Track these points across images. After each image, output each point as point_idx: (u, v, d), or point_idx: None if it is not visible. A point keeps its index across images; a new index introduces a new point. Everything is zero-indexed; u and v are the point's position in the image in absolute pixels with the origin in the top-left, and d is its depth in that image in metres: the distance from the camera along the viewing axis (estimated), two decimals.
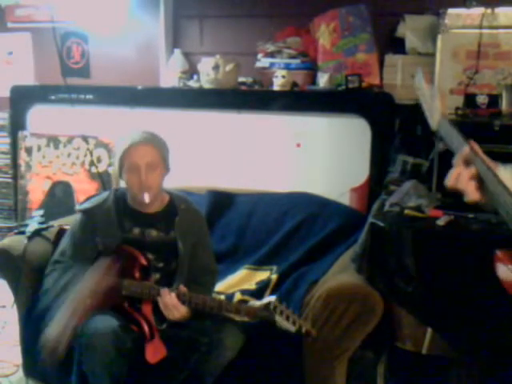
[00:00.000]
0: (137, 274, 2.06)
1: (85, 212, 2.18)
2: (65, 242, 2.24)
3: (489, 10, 2.51)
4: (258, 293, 2.41)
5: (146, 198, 2.06)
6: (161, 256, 2.13)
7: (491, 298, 1.86)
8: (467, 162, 1.24)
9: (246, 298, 2.40)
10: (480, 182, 1.21)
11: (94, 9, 3.42)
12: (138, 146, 2.05)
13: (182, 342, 2.01)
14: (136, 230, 2.12)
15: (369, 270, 2.06)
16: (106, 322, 1.93)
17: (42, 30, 3.58)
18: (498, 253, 1.31)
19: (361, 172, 2.78)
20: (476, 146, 1.26)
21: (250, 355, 2.07)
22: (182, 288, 1.99)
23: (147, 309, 2.05)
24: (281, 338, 2.08)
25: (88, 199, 2.32)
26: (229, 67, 2.96)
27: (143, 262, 2.07)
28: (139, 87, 3.21)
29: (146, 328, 2.00)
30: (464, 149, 1.25)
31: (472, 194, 1.22)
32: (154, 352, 1.97)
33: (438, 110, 1.41)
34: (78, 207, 2.31)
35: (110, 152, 3.27)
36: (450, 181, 1.25)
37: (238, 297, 2.42)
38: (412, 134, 2.59)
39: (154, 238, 2.13)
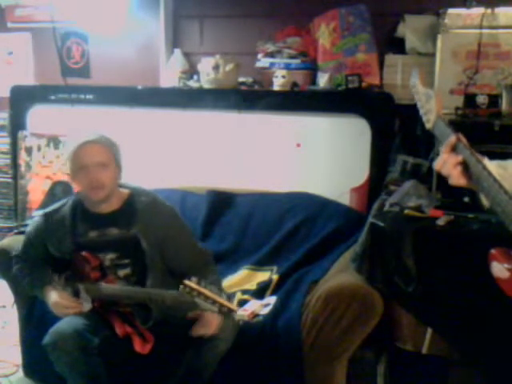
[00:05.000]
0: (93, 275, 2.06)
1: (42, 216, 2.18)
2: (23, 239, 2.26)
3: (489, 10, 2.51)
4: (259, 293, 2.41)
5: (98, 195, 2.05)
6: (124, 253, 2.10)
7: (491, 298, 1.87)
8: (453, 150, 1.33)
9: (247, 297, 2.40)
10: (465, 168, 1.30)
11: (94, 9, 3.42)
12: (86, 146, 2.06)
13: (174, 338, 2.01)
14: (93, 233, 2.10)
15: (369, 270, 2.06)
16: (72, 323, 1.96)
17: (42, 29, 3.58)
18: (493, 251, 1.33)
19: (361, 172, 2.78)
20: (462, 136, 1.34)
21: (250, 355, 2.07)
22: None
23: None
24: (281, 337, 2.09)
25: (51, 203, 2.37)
26: (229, 67, 2.96)
27: (94, 262, 2.06)
28: (139, 87, 3.21)
29: (117, 326, 2.00)
30: (451, 138, 1.33)
31: (456, 178, 1.31)
32: (142, 342, 1.98)
33: (433, 110, 1.42)
34: (35, 212, 2.33)
35: None
36: (436, 165, 1.36)
37: (238, 296, 2.42)
38: (412, 134, 2.59)
39: (115, 236, 2.10)
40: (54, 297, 2.06)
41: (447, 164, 1.32)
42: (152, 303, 1.97)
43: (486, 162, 1.31)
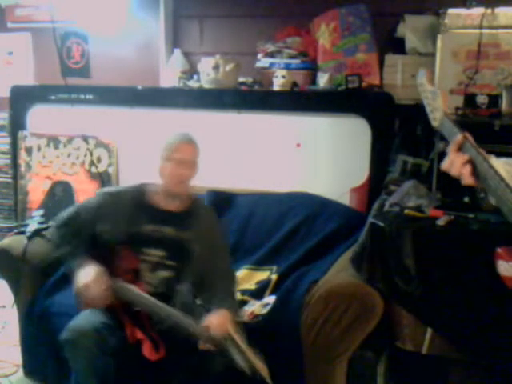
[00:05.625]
0: (125, 276, 2.06)
1: (105, 194, 2.20)
2: (72, 208, 2.22)
3: (489, 10, 2.51)
4: (258, 293, 2.41)
5: (181, 188, 2.14)
6: (173, 254, 2.12)
7: (491, 298, 1.87)
8: (460, 149, 1.32)
9: (246, 298, 2.40)
10: (473, 167, 1.29)
11: (94, 9, 3.42)
12: (190, 144, 2.17)
13: (183, 342, 2.00)
14: (150, 227, 2.12)
15: (369, 270, 2.06)
16: (90, 320, 1.94)
17: (42, 29, 3.58)
18: (499, 250, 1.33)
19: (361, 172, 2.78)
20: (469, 135, 1.33)
21: None
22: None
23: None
24: (281, 337, 2.08)
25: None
26: (229, 67, 2.96)
27: (132, 264, 2.07)
28: (139, 87, 3.21)
29: (128, 330, 1.98)
30: (457, 137, 1.32)
31: (467, 177, 1.30)
32: (151, 349, 1.97)
33: (440, 108, 1.42)
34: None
35: (110, 152, 3.27)
36: (444, 166, 1.34)
37: (238, 297, 2.41)
38: (412, 134, 2.59)
39: (169, 235, 2.13)
40: (90, 277, 2.00)
41: (455, 163, 1.31)
42: (177, 329, 1.96)
43: (493, 159, 1.30)
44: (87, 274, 2.00)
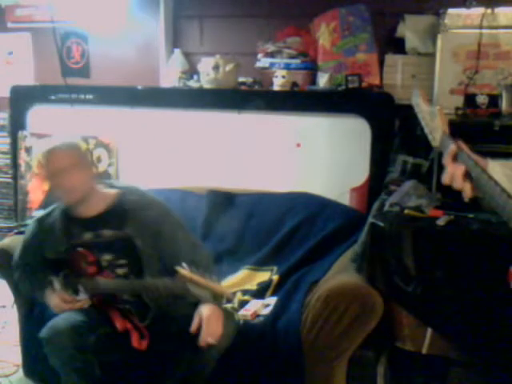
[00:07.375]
0: (90, 270, 2.08)
1: (36, 221, 2.22)
2: (19, 246, 2.28)
3: (489, 10, 2.51)
4: (259, 293, 2.41)
5: (69, 199, 2.07)
6: (120, 254, 2.10)
7: (491, 298, 1.87)
8: (455, 159, 1.29)
9: (247, 298, 2.40)
10: (471, 177, 1.26)
11: (94, 9, 3.42)
12: (54, 153, 2.06)
13: (174, 336, 2.01)
14: (88, 235, 2.10)
15: (369, 270, 2.06)
16: (68, 318, 1.98)
17: (42, 29, 3.58)
18: None
19: (361, 172, 2.78)
20: (462, 144, 1.30)
21: (250, 355, 2.07)
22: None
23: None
24: (281, 338, 2.09)
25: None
26: (229, 67, 2.96)
27: (90, 258, 2.08)
28: (139, 87, 3.21)
29: (117, 321, 2.04)
30: (451, 147, 1.30)
31: (469, 192, 1.27)
32: (139, 339, 2.01)
33: (439, 128, 1.41)
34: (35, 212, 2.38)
35: (110, 152, 3.26)
36: (445, 180, 1.31)
37: (238, 297, 2.41)
38: (412, 134, 2.58)
39: (110, 237, 2.09)
40: (55, 299, 2.10)
41: (456, 177, 1.27)
42: (147, 293, 2.01)
43: (490, 165, 1.27)
44: (53, 297, 2.10)
